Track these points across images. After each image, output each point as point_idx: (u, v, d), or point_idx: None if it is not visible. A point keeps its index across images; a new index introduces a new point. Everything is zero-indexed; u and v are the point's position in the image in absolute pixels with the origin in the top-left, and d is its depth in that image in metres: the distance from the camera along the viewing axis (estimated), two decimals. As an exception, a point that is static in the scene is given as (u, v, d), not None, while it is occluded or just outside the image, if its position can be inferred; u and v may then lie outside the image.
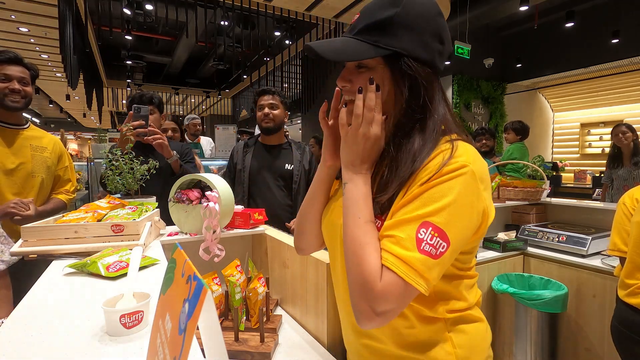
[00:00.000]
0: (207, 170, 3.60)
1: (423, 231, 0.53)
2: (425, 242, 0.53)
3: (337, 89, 0.66)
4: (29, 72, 1.54)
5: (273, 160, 1.92)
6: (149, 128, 1.57)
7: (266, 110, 1.87)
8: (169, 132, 2.56)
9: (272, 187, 1.87)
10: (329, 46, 0.60)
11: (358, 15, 0.63)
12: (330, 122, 0.71)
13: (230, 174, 1.96)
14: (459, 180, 0.55)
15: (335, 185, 0.77)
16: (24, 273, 1.47)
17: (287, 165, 1.90)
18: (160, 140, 1.62)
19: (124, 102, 11.75)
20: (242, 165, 1.90)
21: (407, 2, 0.59)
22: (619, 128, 3.21)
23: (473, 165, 0.56)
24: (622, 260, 1.46)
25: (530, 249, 2.10)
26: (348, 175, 0.62)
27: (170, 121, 2.70)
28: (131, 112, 1.55)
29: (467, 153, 0.58)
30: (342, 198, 0.62)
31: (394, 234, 0.55)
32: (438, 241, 0.53)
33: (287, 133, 4.89)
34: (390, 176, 0.60)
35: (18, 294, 0.76)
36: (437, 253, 0.53)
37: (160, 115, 1.90)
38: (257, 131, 4.19)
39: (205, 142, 4.35)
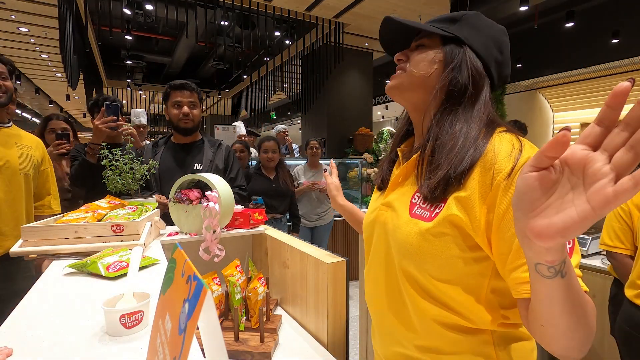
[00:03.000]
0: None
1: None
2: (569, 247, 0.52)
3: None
4: (6, 66, 1.49)
5: (183, 160, 1.80)
6: (119, 122, 1.68)
7: (186, 109, 1.75)
8: (269, 154, 2.76)
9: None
10: (405, 19, 0.67)
11: (431, 19, 0.71)
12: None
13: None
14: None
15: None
16: (6, 272, 1.46)
17: (196, 164, 1.79)
18: (130, 132, 1.79)
19: (124, 102, 11.75)
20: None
21: (477, 13, 0.67)
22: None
23: (528, 149, 0.56)
24: (608, 254, 1.52)
25: (530, 249, 2.09)
26: (562, 254, 0.40)
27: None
28: (103, 108, 1.65)
29: (533, 148, 0.56)
30: (560, 280, 0.42)
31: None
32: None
33: (286, 133, 4.89)
34: (440, 158, 0.59)
35: (18, 294, 0.76)
36: (572, 249, 0.53)
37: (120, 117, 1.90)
38: (240, 129, 4.24)
39: None
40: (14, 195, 1.48)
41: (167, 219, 1.32)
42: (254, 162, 3.34)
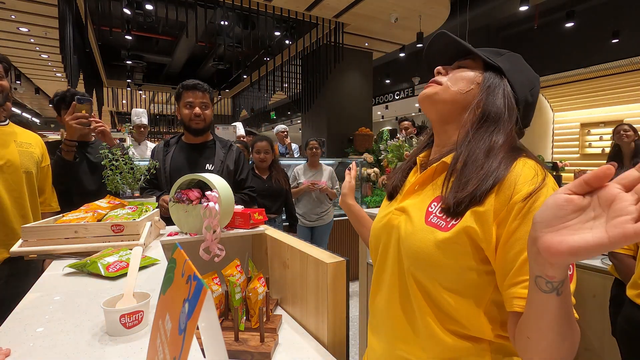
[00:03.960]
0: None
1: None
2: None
3: None
4: (1, 64, 1.45)
5: (194, 160, 1.80)
6: (91, 118, 1.64)
7: (198, 110, 1.75)
8: (261, 154, 2.75)
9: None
10: (458, 38, 0.71)
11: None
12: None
13: (151, 175, 1.75)
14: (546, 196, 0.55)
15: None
16: (15, 272, 1.46)
17: (207, 165, 1.79)
18: (102, 128, 1.70)
19: (124, 102, 11.76)
20: (162, 166, 1.78)
21: (519, 55, 0.72)
22: (620, 127, 3.22)
23: (551, 183, 0.58)
24: (610, 255, 1.50)
25: (530, 249, 2.09)
26: (564, 271, 0.43)
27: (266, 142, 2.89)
28: (74, 102, 1.59)
29: (543, 173, 0.58)
30: (556, 297, 0.45)
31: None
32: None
33: (285, 133, 4.89)
34: (470, 172, 0.60)
35: (18, 294, 0.76)
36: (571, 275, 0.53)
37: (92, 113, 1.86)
38: (239, 130, 4.24)
39: None
40: (18, 194, 1.47)
41: (167, 219, 1.32)
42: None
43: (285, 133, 4.90)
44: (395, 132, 3.95)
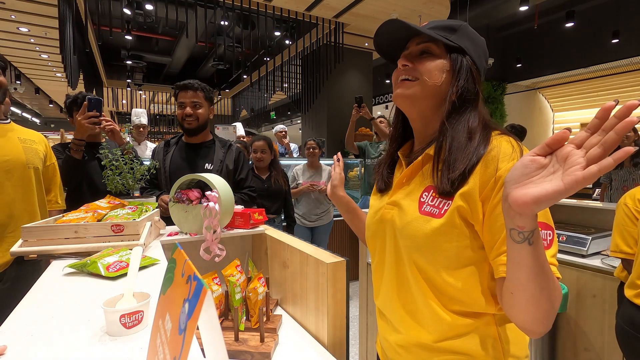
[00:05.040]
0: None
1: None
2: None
3: None
4: None
5: (193, 160, 1.79)
6: (101, 117, 1.68)
7: (188, 109, 1.72)
8: (258, 154, 2.72)
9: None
10: (410, 23, 0.70)
11: (426, 23, 0.74)
12: None
13: (150, 175, 1.71)
14: None
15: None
16: (24, 273, 1.46)
17: (207, 164, 1.78)
18: (112, 127, 1.74)
19: (124, 102, 11.76)
20: (162, 166, 1.77)
21: (466, 24, 0.73)
22: None
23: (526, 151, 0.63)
24: (624, 261, 1.45)
25: (530, 249, 2.09)
26: (533, 222, 0.49)
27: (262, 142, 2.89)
28: (85, 102, 1.64)
29: (520, 149, 0.63)
30: (528, 247, 0.49)
31: None
32: (544, 232, 0.58)
33: (283, 133, 4.89)
34: (456, 155, 0.63)
35: (18, 294, 0.76)
36: (548, 242, 0.58)
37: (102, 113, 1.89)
38: (239, 130, 4.24)
39: None
40: (25, 190, 1.46)
41: (167, 219, 1.32)
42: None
43: (283, 133, 4.89)
44: None
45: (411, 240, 0.66)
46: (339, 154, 1.08)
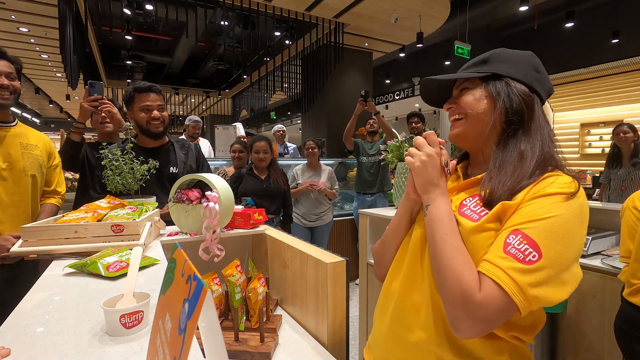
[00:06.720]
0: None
1: (512, 237, 0.58)
2: (511, 245, 0.57)
3: None
4: (14, 65, 1.46)
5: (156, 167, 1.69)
6: (102, 100, 1.74)
7: (156, 112, 1.66)
8: (260, 154, 2.77)
9: (161, 195, 1.60)
10: (442, 75, 0.76)
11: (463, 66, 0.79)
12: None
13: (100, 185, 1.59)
14: (564, 204, 0.59)
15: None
16: (24, 273, 1.46)
17: (171, 168, 1.71)
18: (109, 108, 1.78)
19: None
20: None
21: (502, 49, 0.75)
22: (620, 127, 3.21)
23: (583, 200, 0.61)
24: None
25: (530, 249, 2.09)
26: (428, 198, 0.68)
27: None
28: (87, 87, 1.71)
29: (577, 186, 0.62)
30: (425, 220, 0.68)
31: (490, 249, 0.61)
32: (526, 247, 0.56)
33: (281, 132, 4.88)
34: (506, 176, 0.65)
35: (18, 294, 0.76)
36: (526, 260, 0.55)
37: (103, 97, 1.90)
38: (239, 131, 4.24)
39: (204, 143, 4.43)
40: (20, 197, 1.47)
41: (167, 219, 1.32)
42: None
43: (281, 132, 4.89)
44: (423, 117, 3.78)
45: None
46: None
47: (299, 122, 9.86)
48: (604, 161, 3.53)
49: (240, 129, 4.35)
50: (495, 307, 0.55)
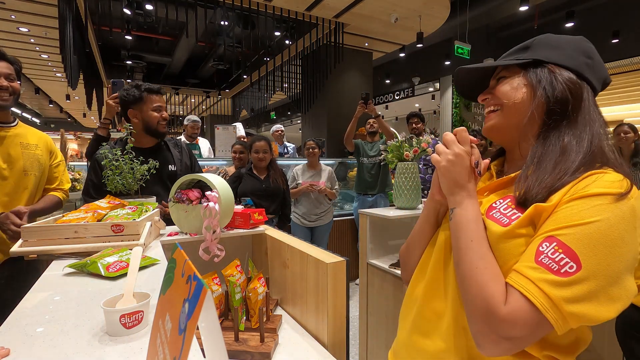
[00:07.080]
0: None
1: (545, 245, 0.51)
2: (544, 254, 0.50)
3: None
4: (14, 66, 1.46)
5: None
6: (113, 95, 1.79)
7: (165, 113, 1.74)
8: (260, 154, 2.76)
9: (162, 193, 1.62)
10: (477, 64, 0.70)
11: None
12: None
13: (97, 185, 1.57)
14: (610, 206, 0.50)
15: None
16: (24, 273, 1.46)
17: (170, 166, 1.75)
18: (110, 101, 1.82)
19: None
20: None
21: (547, 34, 0.68)
22: (621, 128, 3.21)
23: (637, 202, 0.51)
24: None
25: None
26: (453, 201, 0.64)
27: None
28: (109, 85, 1.85)
29: (629, 185, 0.52)
30: (450, 224, 0.64)
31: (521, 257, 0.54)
32: (561, 257, 0.49)
33: (280, 132, 4.89)
34: (545, 172, 0.58)
35: (18, 294, 0.76)
36: (561, 271, 0.48)
37: None
38: (239, 130, 4.24)
39: (204, 143, 4.43)
40: (18, 197, 1.47)
41: (166, 219, 1.32)
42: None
43: (280, 132, 4.88)
44: (423, 117, 3.69)
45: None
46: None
47: (299, 122, 9.87)
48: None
49: (240, 129, 4.35)
50: (523, 323, 0.48)
